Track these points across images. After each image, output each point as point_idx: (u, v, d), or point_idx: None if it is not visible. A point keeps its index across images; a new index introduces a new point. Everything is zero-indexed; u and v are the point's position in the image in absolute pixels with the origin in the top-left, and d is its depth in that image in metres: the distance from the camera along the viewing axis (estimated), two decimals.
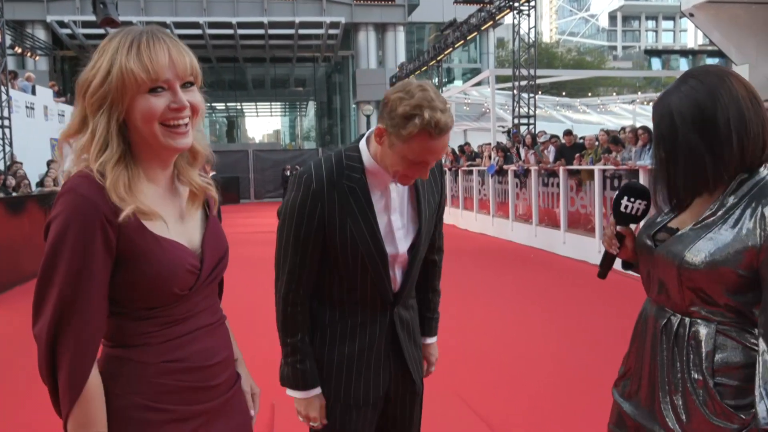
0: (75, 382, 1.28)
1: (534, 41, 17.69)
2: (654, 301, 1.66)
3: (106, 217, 1.28)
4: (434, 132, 1.67)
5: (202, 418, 1.45)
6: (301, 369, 1.92)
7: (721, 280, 1.46)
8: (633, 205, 1.75)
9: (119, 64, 1.29)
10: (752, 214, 1.44)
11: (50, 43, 31.19)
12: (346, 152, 1.90)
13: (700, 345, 1.51)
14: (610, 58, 67.59)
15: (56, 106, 18.63)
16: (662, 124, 1.55)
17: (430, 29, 39.85)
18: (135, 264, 1.33)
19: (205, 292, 1.48)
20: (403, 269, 1.98)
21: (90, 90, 1.32)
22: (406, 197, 1.96)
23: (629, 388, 1.72)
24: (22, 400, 4.44)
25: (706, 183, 1.51)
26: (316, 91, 44.57)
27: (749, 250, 1.42)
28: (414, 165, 1.75)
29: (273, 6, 33.13)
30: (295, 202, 1.86)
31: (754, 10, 14.21)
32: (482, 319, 6.45)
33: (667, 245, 1.58)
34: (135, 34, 1.33)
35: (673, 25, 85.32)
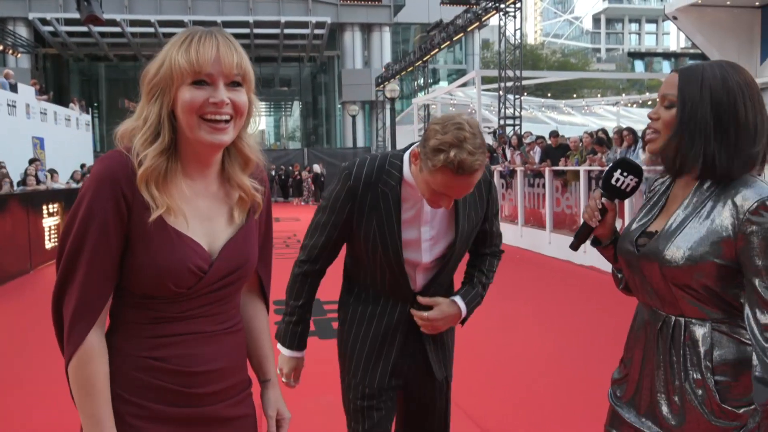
0: (72, 338, 1.33)
1: (520, 42, 17.76)
2: (646, 305, 1.66)
3: (123, 191, 1.33)
4: (456, 171, 1.74)
5: (182, 424, 1.42)
6: (293, 330, 2.15)
7: (704, 273, 1.48)
8: (625, 180, 1.71)
9: (170, 55, 1.36)
10: (724, 204, 1.47)
11: (32, 40, 30.86)
12: (391, 158, 2.02)
13: (697, 344, 1.52)
14: (594, 60, 68.03)
15: (38, 104, 18.42)
16: (687, 90, 1.52)
17: (415, 30, 39.90)
18: (138, 247, 1.35)
19: (212, 298, 1.43)
20: (426, 275, 2.10)
21: (146, 79, 1.39)
22: (441, 210, 2.02)
23: (627, 392, 1.71)
24: (5, 398, 4.39)
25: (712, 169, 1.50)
26: (302, 91, 44.44)
27: (725, 240, 1.45)
28: (438, 195, 1.84)
29: (258, 5, 33.04)
30: (332, 193, 2.06)
31: (736, 14, 14.39)
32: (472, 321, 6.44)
33: (648, 248, 1.59)
34: (194, 31, 1.39)
35: (656, 28, 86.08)
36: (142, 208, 1.34)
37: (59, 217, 11.10)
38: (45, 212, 10.50)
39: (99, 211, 1.32)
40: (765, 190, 1.45)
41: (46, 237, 10.59)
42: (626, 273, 1.72)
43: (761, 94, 1.51)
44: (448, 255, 2.07)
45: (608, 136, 10.74)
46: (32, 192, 10.88)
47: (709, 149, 1.48)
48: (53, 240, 10.86)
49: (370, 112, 36.75)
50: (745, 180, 1.48)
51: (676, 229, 1.53)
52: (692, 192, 1.55)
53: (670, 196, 1.66)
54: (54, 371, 4.88)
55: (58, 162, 17.53)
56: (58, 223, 11.08)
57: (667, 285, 1.54)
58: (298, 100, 46.16)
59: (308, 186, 26.43)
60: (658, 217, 1.65)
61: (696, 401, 1.50)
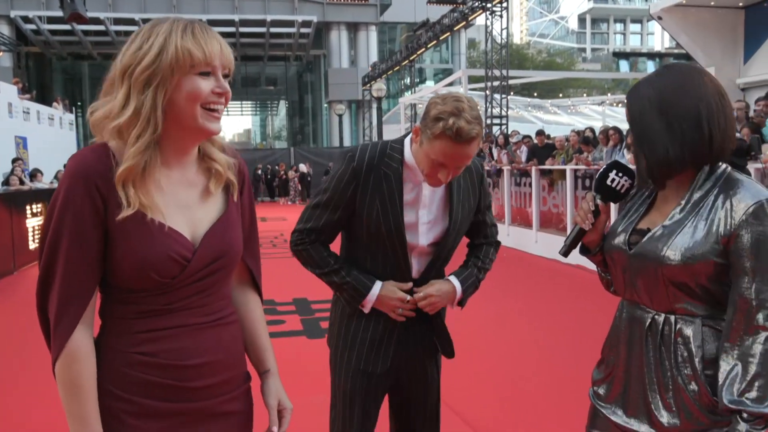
0: (57, 337, 1.32)
1: (506, 42, 17.81)
2: (633, 303, 1.67)
3: (98, 186, 1.32)
4: (454, 137, 1.85)
5: (175, 419, 1.41)
6: (353, 278, 2.09)
7: (703, 271, 1.51)
8: (620, 180, 1.72)
9: (175, 43, 1.34)
10: (723, 204, 1.51)
11: (14, 38, 30.55)
12: (392, 143, 2.10)
13: (688, 341, 1.53)
14: (579, 60, 68.42)
15: (21, 104, 18.22)
16: (634, 107, 1.63)
17: (402, 29, 39.92)
18: (118, 240, 1.33)
19: (197, 288, 1.42)
20: (422, 260, 2.14)
21: (139, 68, 1.34)
22: (438, 196, 2.12)
23: (612, 392, 1.71)
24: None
25: (669, 164, 1.56)
26: (288, 90, 44.36)
27: (723, 239, 1.49)
28: (436, 166, 1.93)
29: (244, 4, 32.92)
30: (335, 174, 2.08)
31: (721, 14, 14.51)
32: (460, 319, 6.45)
33: (643, 246, 1.60)
34: (186, 21, 1.40)
35: (641, 28, 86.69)
36: (119, 202, 1.33)
37: (43, 217, 10.98)
38: (29, 212, 10.40)
39: (74, 207, 1.31)
40: (762, 193, 1.49)
41: (30, 237, 10.48)
42: (613, 271, 1.73)
43: (706, 83, 1.58)
44: (443, 240, 2.12)
45: (595, 136, 10.80)
46: (15, 192, 10.76)
47: (662, 150, 1.56)
48: (37, 240, 10.74)
49: (356, 112, 36.74)
50: (743, 182, 1.53)
51: (676, 228, 1.55)
52: (689, 191, 1.58)
53: (658, 195, 1.68)
54: (42, 372, 4.82)
55: (42, 162, 17.36)
56: (42, 223, 10.96)
57: (661, 283, 1.56)
58: (284, 100, 46.10)
59: (295, 186, 26.35)
60: (646, 214, 1.67)
61: (690, 396, 1.53)
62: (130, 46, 1.38)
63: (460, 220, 2.14)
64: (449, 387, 4.48)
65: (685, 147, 1.54)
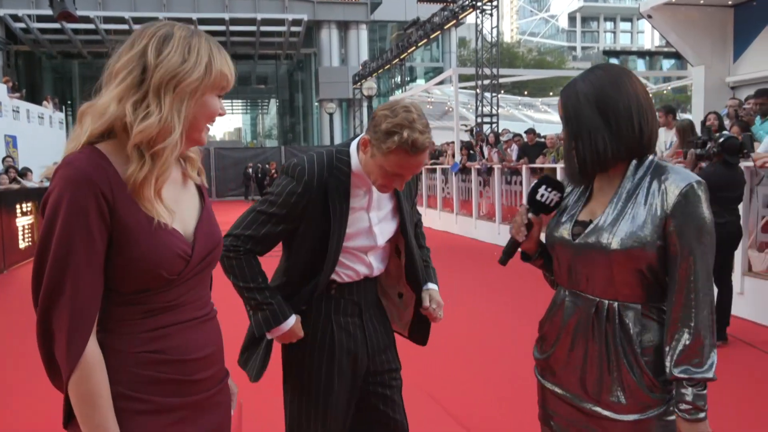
0: (71, 352, 1.28)
1: (497, 41, 17.84)
2: (576, 291, 1.76)
3: (102, 191, 1.30)
4: (410, 150, 1.88)
5: (182, 412, 1.45)
6: (276, 303, 2.06)
7: (647, 256, 1.62)
8: (549, 195, 1.85)
9: (218, 64, 1.41)
10: (658, 189, 1.63)
11: (4, 37, 30.34)
12: (337, 153, 2.09)
13: (628, 328, 1.66)
14: (569, 59, 68.61)
15: (11, 102, 18.11)
16: (569, 104, 1.72)
17: (392, 28, 39.91)
18: (126, 243, 1.34)
19: (193, 282, 1.47)
20: (380, 255, 2.21)
21: (184, 83, 1.37)
22: (386, 196, 2.17)
23: (558, 372, 1.81)
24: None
25: (605, 154, 1.66)
26: (278, 88, 44.27)
27: (661, 221, 1.61)
28: (391, 176, 1.96)
29: (234, 3, 32.82)
30: (285, 189, 2.04)
31: (710, 12, 14.58)
32: (449, 317, 6.47)
33: (587, 236, 1.69)
34: (207, 36, 1.44)
35: (631, 26, 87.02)
36: (125, 205, 1.33)
37: (33, 217, 10.92)
38: (18, 211, 10.34)
39: (81, 216, 1.28)
40: (692, 176, 1.62)
41: (20, 236, 10.42)
42: (556, 262, 1.83)
43: (634, 81, 1.69)
44: (405, 235, 2.20)
45: None
46: (5, 191, 10.69)
47: (601, 140, 1.66)
48: (27, 239, 10.69)
49: (347, 110, 36.70)
50: (672, 167, 1.66)
51: (618, 216, 1.65)
52: (623, 181, 1.69)
53: (594, 187, 1.78)
54: (33, 371, 4.81)
55: (32, 160, 17.25)
56: (32, 222, 10.91)
57: (607, 271, 1.66)
58: (274, 98, 46.02)
59: None
60: (585, 207, 1.77)
61: (634, 377, 1.64)
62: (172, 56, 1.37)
63: (408, 212, 2.23)
64: (442, 387, 4.51)
65: (621, 141, 1.66)
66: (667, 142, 8.55)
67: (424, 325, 2.35)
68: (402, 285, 2.29)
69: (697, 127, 8.49)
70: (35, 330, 1.31)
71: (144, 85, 1.36)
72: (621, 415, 1.66)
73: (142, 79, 1.36)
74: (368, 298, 2.22)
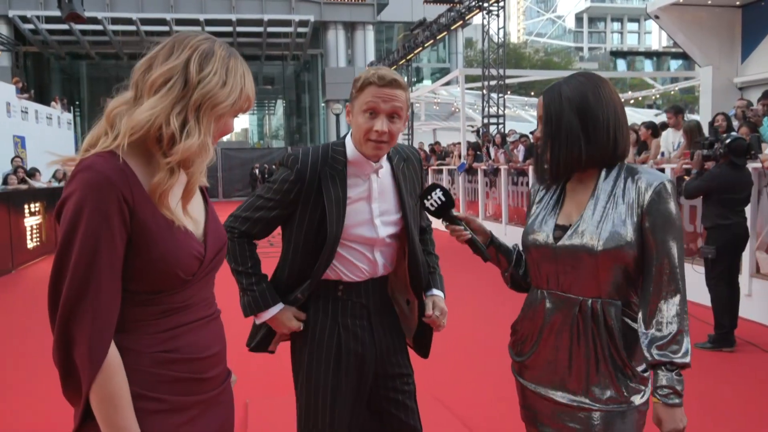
0: (94, 357, 1.28)
1: (503, 41, 17.81)
2: (556, 292, 1.83)
3: (123, 195, 1.31)
4: (378, 81, 2.02)
5: (194, 410, 1.47)
6: (259, 290, 2.14)
7: (631, 253, 1.71)
8: (433, 199, 2.01)
9: (248, 90, 1.47)
10: (633, 188, 1.73)
11: (12, 38, 30.49)
12: (333, 145, 2.17)
13: (611, 324, 1.74)
14: (576, 59, 68.44)
15: (19, 103, 18.20)
16: (552, 106, 1.79)
17: (399, 28, 39.91)
18: (145, 245, 1.35)
19: (204, 282, 1.50)
20: (387, 255, 2.20)
21: (221, 106, 1.42)
22: (388, 188, 2.19)
23: (544, 373, 1.85)
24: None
25: (579, 159, 1.75)
26: (285, 89, 44.32)
27: (639, 218, 1.71)
28: (371, 117, 2.04)
29: (241, 4, 32.87)
30: (278, 177, 2.13)
31: (718, 13, 14.52)
32: (456, 318, 6.47)
33: (570, 238, 1.76)
34: (241, 58, 1.49)
35: (638, 27, 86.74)
36: (145, 207, 1.35)
37: (41, 217, 10.98)
38: (27, 212, 10.40)
39: (104, 221, 1.29)
40: (663, 176, 1.74)
41: (28, 236, 10.48)
42: (536, 266, 1.88)
43: (612, 92, 1.78)
44: (405, 233, 2.20)
45: None
46: (14, 191, 10.75)
47: (577, 145, 1.74)
48: (35, 239, 10.75)
49: None
50: (643, 168, 1.76)
51: (600, 218, 1.73)
52: (598, 184, 1.78)
53: (567, 191, 1.86)
54: (38, 372, 4.83)
55: (40, 161, 17.32)
56: (40, 222, 10.96)
57: (591, 271, 1.73)
58: (281, 99, 46.11)
59: None
60: (561, 212, 1.85)
61: (617, 370, 1.74)
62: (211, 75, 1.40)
63: (412, 208, 2.23)
64: (445, 387, 4.51)
65: (596, 149, 1.74)
66: (675, 143, 8.51)
67: (426, 335, 2.33)
68: (409, 291, 2.28)
69: (705, 128, 8.46)
70: (53, 336, 1.30)
71: (184, 100, 1.37)
72: (605, 405, 1.75)
73: (183, 94, 1.38)
74: (377, 301, 2.21)
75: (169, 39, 1.44)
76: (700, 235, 6.77)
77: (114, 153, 1.34)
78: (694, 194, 5.60)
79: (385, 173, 2.19)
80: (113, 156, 1.33)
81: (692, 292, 6.61)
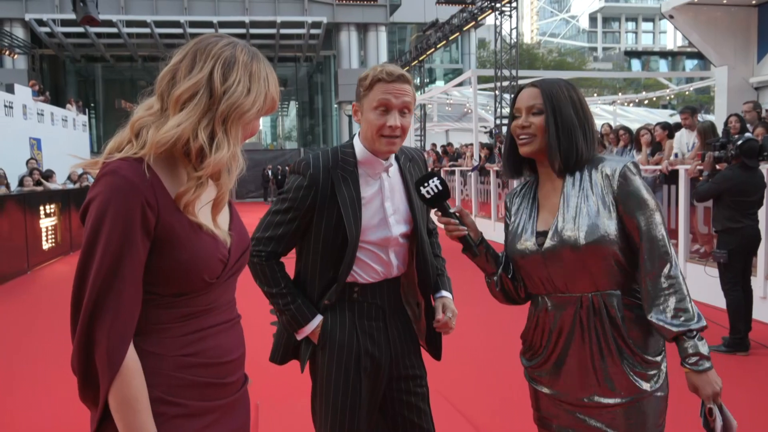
0: (113, 359, 1.28)
1: (516, 42, 17.77)
2: (553, 295, 1.84)
3: (147, 199, 1.31)
4: (386, 77, 2.05)
5: (214, 415, 1.46)
6: (295, 307, 2.13)
7: (613, 242, 1.74)
8: (429, 187, 1.98)
9: (272, 92, 1.46)
10: (600, 176, 1.78)
11: (29, 41, 30.77)
12: (342, 147, 2.19)
13: (614, 315, 1.77)
14: (590, 59, 68.08)
15: (35, 105, 18.39)
16: (553, 93, 1.83)
17: (411, 29, 39.90)
18: (171, 248, 1.35)
19: (227, 285, 1.50)
20: (400, 256, 2.19)
21: (248, 114, 1.42)
22: (397, 187, 2.21)
23: (557, 377, 1.86)
24: (4, 399, 4.40)
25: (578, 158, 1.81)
26: (298, 90, 44.43)
27: (614, 206, 1.75)
28: (383, 113, 2.06)
29: (254, 5, 32.99)
30: (292, 185, 2.13)
31: (733, 12, 14.40)
32: (466, 318, 6.46)
33: (552, 240, 1.79)
34: (263, 58, 1.47)
35: (653, 26, 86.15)
36: (169, 210, 1.35)
37: (56, 218, 11.08)
38: (42, 213, 10.50)
39: (127, 226, 1.29)
40: (623, 159, 1.80)
41: (44, 238, 10.59)
42: (529, 275, 1.90)
43: (582, 96, 1.87)
44: (415, 232, 2.20)
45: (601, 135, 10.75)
46: (29, 193, 10.86)
47: (579, 142, 1.81)
48: (50, 241, 10.85)
49: None
50: (604, 156, 1.84)
51: (574, 213, 1.77)
52: (566, 182, 1.82)
53: (540, 197, 1.90)
54: (53, 373, 4.88)
55: (56, 163, 17.50)
56: (55, 223, 11.07)
57: (581, 266, 1.75)
58: (294, 100, 46.17)
59: None
60: (538, 219, 1.88)
61: (626, 359, 1.76)
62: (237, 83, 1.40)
63: (420, 207, 2.24)
64: (453, 387, 4.50)
65: (588, 147, 1.82)
66: (689, 144, 8.45)
67: (437, 337, 2.33)
68: (417, 292, 2.28)
69: (720, 128, 8.40)
70: (75, 337, 1.30)
71: (210, 113, 1.38)
72: (619, 399, 1.76)
73: (209, 106, 1.38)
74: (391, 302, 2.22)
75: (191, 45, 1.43)
76: (714, 237, 6.72)
77: (140, 159, 1.34)
78: (705, 197, 5.55)
79: (394, 172, 2.21)
80: (138, 161, 1.34)
81: (705, 294, 6.58)
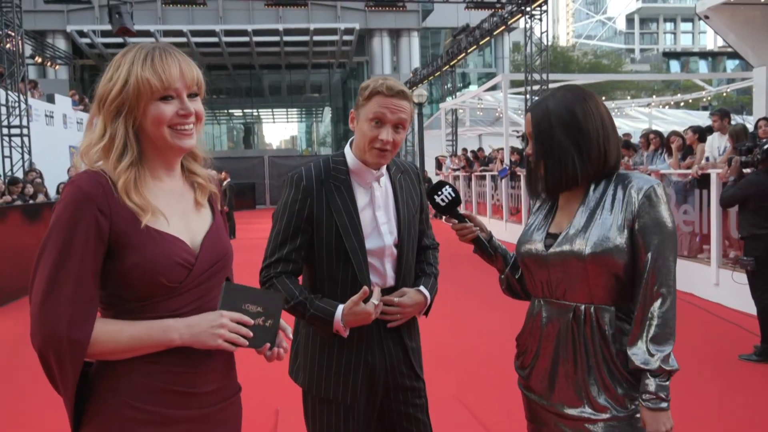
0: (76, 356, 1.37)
1: (546, 45, 17.63)
2: (551, 300, 1.83)
3: (100, 209, 1.39)
4: (385, 91, 2.06)
5: (186, 425, 1.47)
6: (314, 308, 2.07)
7: (619, 258, 1.71)
8: (443, 194, 2.04)
9: (135, 74, 1.44)
10: (623, 195, 1.74)
11: (70, 52, 31.63)
12: (333, 157, 2.20)
13: (605, 330, 1.75)
14: (627, 61, 67.07)
15: (75, 114, 18.89)
16: (542, 123, 1.80)
17: (446, 34, 39.86)
18: (128, 253, 1.41)
19: (197, 292, 1.50)
20: (393, 264, 2.18)
21: (109, 99, 1.46)
22: (388, 196, 2.23)
23: (543, 384, 1.87)
24: (29, 404, 4.52)
25: (574, 176, 1.77)
26: (332, 96, 44.73)
27: (628, 224, 1.71)
28: (377, 126, 2.07)
29: (288, 13, 33.32)
30: (287, 199, 2.14)
31: None
32: (483, 322, 6.44)
33: (560, 245, 1.78)
34: (148, 49, 1.49)
35: (692, 26, 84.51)
36: (123, 218, 1.41)
37: None
38: None
39: (73, 231, 1.38)
40: (653, 180, 1.75)
41: None
42: (531, 275, 1.89)
43: (598, 104, 1.80)
44: (402, 241, 2.19)
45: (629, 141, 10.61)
46: None
47: (569, 166, 1.76)
48: None
49: None
50: (633, 174, 1.79)
51: (588, 223, 1.75)
52: (588, 192, 1.80)
53: (559, 202, 1.87)
54: None
55: None
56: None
57: (582, 276, 1.73)
58: (328, 106, 46.50)
59: None
60: (553, 221, 1.87)
61: (612, 377, 1.74)
62: (104, 77, 1.49)
63: (408, 217, 2.24)
64: (463, 386, 4.49)
65: (590, 164, 1.77)
66: (721, 148, 8.29)
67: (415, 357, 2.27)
68: None
69: None
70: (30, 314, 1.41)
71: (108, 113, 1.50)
72: (605, 414, 1.74)
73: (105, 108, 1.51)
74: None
75: None
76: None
77: (100, 172, 1.44)
78: (730, 202, 5.45)
79: (385, 182, 2.23)
80: (98, 174, 1.43)
81: (735, 300, 6.44)
